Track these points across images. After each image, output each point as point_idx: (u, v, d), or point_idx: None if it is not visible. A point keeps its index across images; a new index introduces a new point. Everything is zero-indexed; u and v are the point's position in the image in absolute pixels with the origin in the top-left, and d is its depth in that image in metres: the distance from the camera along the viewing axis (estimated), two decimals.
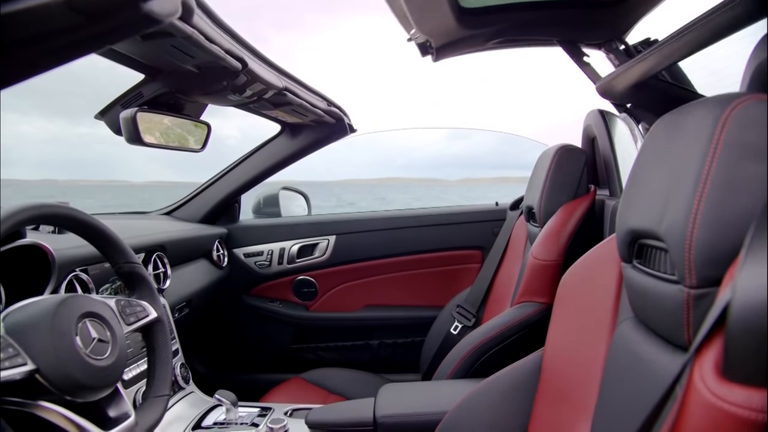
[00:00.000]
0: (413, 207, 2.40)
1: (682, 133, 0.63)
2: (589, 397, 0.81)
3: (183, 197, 2.13)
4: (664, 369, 0.61)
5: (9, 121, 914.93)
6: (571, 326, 0.92)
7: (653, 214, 0.63)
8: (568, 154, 1.54)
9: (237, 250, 2.19)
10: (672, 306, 0.59)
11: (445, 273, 2.19)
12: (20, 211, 0.76)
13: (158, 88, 1.25)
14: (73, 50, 0.51)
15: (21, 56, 0.48)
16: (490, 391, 1.01)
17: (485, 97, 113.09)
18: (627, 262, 0.73)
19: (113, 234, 0.93)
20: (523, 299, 1.38)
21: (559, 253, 1.33)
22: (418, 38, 1.31)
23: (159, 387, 0.93)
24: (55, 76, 20.48)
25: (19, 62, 0.49)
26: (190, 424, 1.30)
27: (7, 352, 0.67)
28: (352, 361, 2.15)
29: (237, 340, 2.24)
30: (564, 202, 1.50)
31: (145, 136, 1.27)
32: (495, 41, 1.39)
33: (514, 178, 32.77)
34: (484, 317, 1.82)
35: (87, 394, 0.76)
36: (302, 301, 2.22)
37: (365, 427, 1.19)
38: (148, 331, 0.96)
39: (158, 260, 1.57)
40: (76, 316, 0.77)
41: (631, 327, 0.73)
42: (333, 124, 1.92)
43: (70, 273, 1.14)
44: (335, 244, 2.19)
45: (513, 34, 1.37)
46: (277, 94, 1.42)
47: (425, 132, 67.84)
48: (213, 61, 1.07)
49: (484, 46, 1.43)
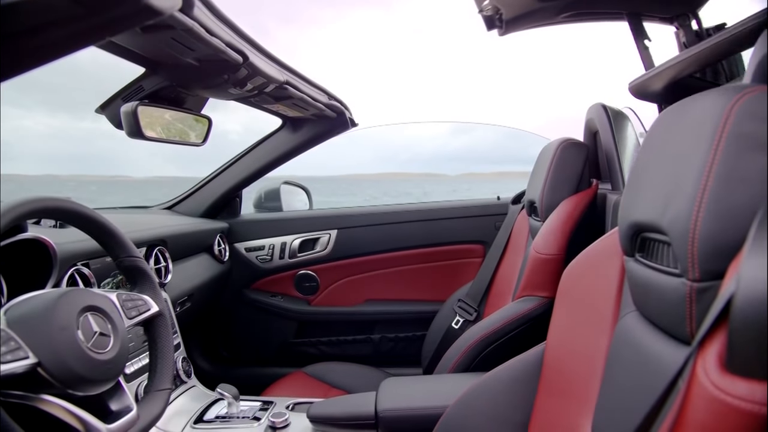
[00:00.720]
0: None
1: (686, 124, 0.62)
2: (591, 391, 0.81)
3: (184, 192, 2.13)
4: (667, 362, 0.60)
5: (12, 116, 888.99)
6: (573, 320, 0.92)
7: (656, 207, 0.63)
8: (570, 148, 1.54)
9: (238, 245, 2.19)
10: (674, 299, 0.59)
11: (446, 267, 2.19)
12: (21, 204, 0.76)
13: (159, 82, 1.25)
14: (73, 42, 0.51)
15: (21, 48, 0.48)
16: (491, 384, 1.01)
17: (489, 92, 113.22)
18: (629, 256, 0.72)
19: (115, 228, 0.93)
20: (525, 293, 1.38)
21: (560, 247, 1.33)
22: (489, 10, 1.29)
23: (161, 381, 0.93)
24: (58, 71, 20.26)
25: (19, 54, 0.49)
26: (192, 418, 1.30)
27: (8, 345, 0.67)
28: (353, 355, 2.15)
29: (238, 335, 2.24)
30: (566, 196, 1.50)
31: (146, 130, 1.26)
32: (566, 14, 1.37)
33: (514, 172, 32.75)
34: (485, 311, 1.82)
35: (89, 387, 0.76)
36: (304, 296, 2.23)
37: (367, 421, 1.19)
38: (150, 324, 0.96)
39: (159, 254, 1.57)
40: (77, 310, 0.77)
41: (634, 321, 0.73)
42: (334, 118, 1.91)
43: (71, 267, 1.14)
44: (336, 239, 2.19)
45: (585, 6, 1.35)
46: (278, 88, 1.41)
47: (428, 128, 67.13)
48: (214, 55, 1.06)
49: (554, 19, 1.41)
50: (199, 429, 1.27)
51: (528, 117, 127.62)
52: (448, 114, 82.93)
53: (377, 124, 2.54)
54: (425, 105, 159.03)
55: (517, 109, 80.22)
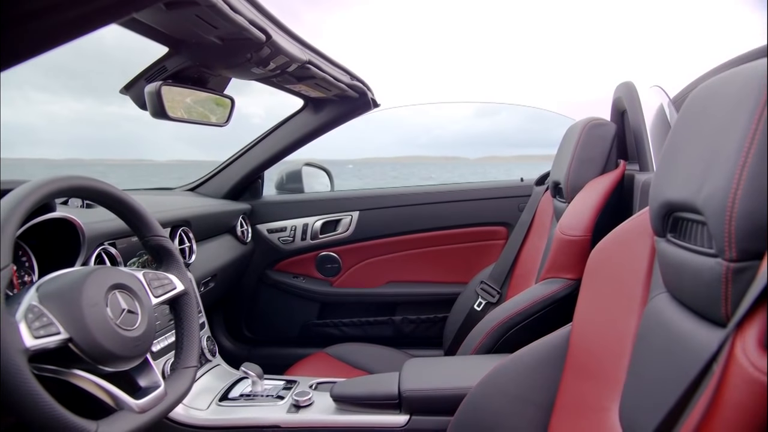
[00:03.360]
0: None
1: (723, 100, 0.60)
2: (618, 373, 0.80)
3: (207, 173, 2.15)
4: (700, 344, 0.59)
5: (40, 101, 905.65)
6: (601, 301, 0.90)
7: (691, 186, 0.61)
8: (597, 128, 1.51)
9: (260, 226, 2.20)
10: (709, 280, 0.57)
11: (469, 249, 2.18)
12: (51, 182, 0.77)
13: (182, 62, 1.25)
14: (97, 18, 0.50)
15: (43, 26, 0.48)
16: (516, 365, 1.00)
17: (516, 73, 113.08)
18: (660, 236, 0.71)
19: (141, 208, 0.94)
20: (549, 275, 1.36)
21: (586, 228, 1.30)
22: None
23: (187, 358, 0.94)
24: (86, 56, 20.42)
25: (41, 32, 0.48)
26: (217, 396, 1.32)
27: (41, 321, 0.68)
28: (374, 336, 2.16)
29: (261, 315, 2.27)
30: (592, 177, 1.47)
31: (169, 110, 1.27)
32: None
33: (536, 156, 32.40)
34: (508, 294, 1.81)
35: (118, 363, 0.77)
36: (325, 277, 2.23)
37: (390, 401, 1.20)
38: (176, 303, 0.97)
39: (184, 235, 1.59)
40: (106, 288, 0.78)
41: (664, 302, 0.72)
42: (356, 99, 1.90)
43: (98, 246, 1.15)
44: (358, 220, 2.19)
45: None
46: (301, 68, 1.40)
47: (450, 111, 66.49)
48: (237, 33, 1.06)
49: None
50: (224, 406, 1.29)
51: (554, 99, 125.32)
52: (473, 95, 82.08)
53: (400, 104, 2.51)
54: (450, 87, 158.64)
55: (543, 91, 78.37)
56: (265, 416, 1.24)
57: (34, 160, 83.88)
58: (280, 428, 1.22)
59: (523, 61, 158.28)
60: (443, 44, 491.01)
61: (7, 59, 0.49)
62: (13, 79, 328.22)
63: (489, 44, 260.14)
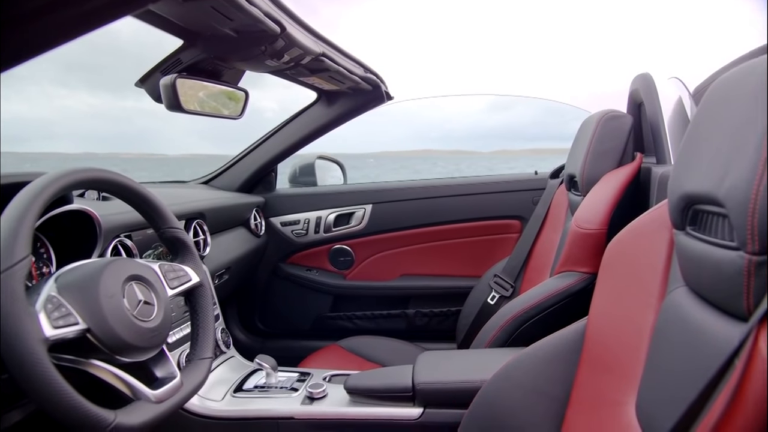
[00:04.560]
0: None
1: (746, 91, 0.59)
2: (635, 367, 0.79)
3: (220, 166, 2.15)
4: (721, 339, 0.58)
5: (57, 96, 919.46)
6: (618, 295, 0.90)
7: (712, 178, 0.60)
8: (613, 120, 1.49)
9: (274, 219, 2.21)
10: (730, 273, 0.56)
11: (482, 243, 2.16)
12: (68, 174, 0.77)
13: (197, 54, 1.25)
14: (114, 10, 0.50)
15: (60, 18, 0.48)
16: (531, 359, 1.00)
17: (531, 67, 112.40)
18: (680, 229, 0.70)
19: (157, 200, 0.94)
20: (564, 269, 1.35)
21: (602, 221, 1.29)
22: None
23: (203, 349, 0.95)
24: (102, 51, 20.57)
25: (57, 24, 0.48)
26: (231, 387, 1.33)
27: (60, 311, 0.69)
28: (387, 329, 2.16)
29: (274, 308, 2.28)
30: (608, 170, 1.46)
31: (184, 102, 1.27)
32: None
33: (548, 149, 32.20)
34: (521, 287, 1.80)
35: (135, 354, 0.78)
36: (339, 270, 2.24)
37: (404, 393, 1.20)
38: (191, 295, 0.97)
39: (198, 227, 1.59)
40: (122, 279, 0.79)
41: (683, 296, 0.71)
42: (370, 91, 1.89)
43: (115, 238, 1.16)
44: (372, 213, 2.19)
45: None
46: (315, 60, 1.40)
47: (463, 105, 66.21)
48: (252, 25, 1.06)
49: None
50: (239, 397, 1.29)
51: (570, 92, 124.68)
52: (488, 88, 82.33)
53: (413, 97, 2.49)
54: (464, 80, 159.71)
55: (558, 83, 79.13)
56: (280, 408, 1.25)
57: (49, 154, 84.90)
58: (295, 419, 1.23)
59: (538, 54, 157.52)
60: (458, 37, 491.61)
61: (23, 53, 0.49)
62: (32, 75, 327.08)
63: (504, 37, 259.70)
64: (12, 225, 0.67)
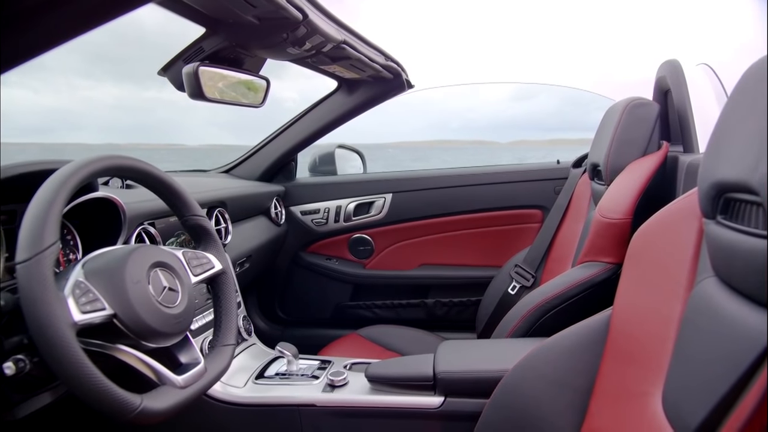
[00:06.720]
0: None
1: None
2: (662, 358, 0.78)
3: (241, 156, 2.16)
4: (753, 330, 0.57)
5: (82, 87, 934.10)
6: (644, 285, 0.88)
7: (744, 165, 0.59)
8: (639, 108, 1.46)
9: (294, 208, 2.22)
10: (763, 263, 0.55)
11: (503, 232, 2.15)
12: (94, 161, 0.78)
13: (219, 42, 1.25)
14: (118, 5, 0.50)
15: (85, 4, 0.48)
16: (554, 349, 0.99)
17: (556, 56, 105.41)
18: (710, 218, 0.68)
19: (181, 188, 0.95)
20: (587, 259, 1.33)
21: (627, 211, 1.27)
22: None
23: (226, 336, 0.96)
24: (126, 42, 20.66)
25: (84, 10, 0.49)
26: (253, 374, 1.34)
27: (87, 296, 0.70)
28: (407, 318, 2.16)
29: (295, 296, 2.29)
30: (633, 159, 1.43)
31: (206, 90, 1.28)
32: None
33: (568, 140, 31.73)
34: (542, 278, 1.78)
35: (160, 339, 0.79)
36: (358, 259, 2.24)
37: (425, 382, 1.20)
38: (214, 282, 0.98)
39: (220, 216, 1.61)
40: (147, 265, 0.80)
41: (712, 286, 0.69)
42: (390, 80, 1.88)
43: (139, 226, 1.18)
44: (391, 203, 2.18)
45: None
46: (336, 48, 1.39)
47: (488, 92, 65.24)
48: (274, 12, 1.06)
49: None
50: (261, 384, 1.30)
51: (594, 79, 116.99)
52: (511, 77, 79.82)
53: (434, 85, 2.47)
54: (489, 68, 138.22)
55: (582, 70, 74.22)
56: (301, 395, 1.26)
57: (73, 145, 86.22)
58: (316, 407, 1.24)
59: (564, 40, 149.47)
60: (483, 24, 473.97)
61: (35, 48, 0.49)
62: (58, 66, 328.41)
63: (530, 23, 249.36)
64: (41, 211, 0.68)
